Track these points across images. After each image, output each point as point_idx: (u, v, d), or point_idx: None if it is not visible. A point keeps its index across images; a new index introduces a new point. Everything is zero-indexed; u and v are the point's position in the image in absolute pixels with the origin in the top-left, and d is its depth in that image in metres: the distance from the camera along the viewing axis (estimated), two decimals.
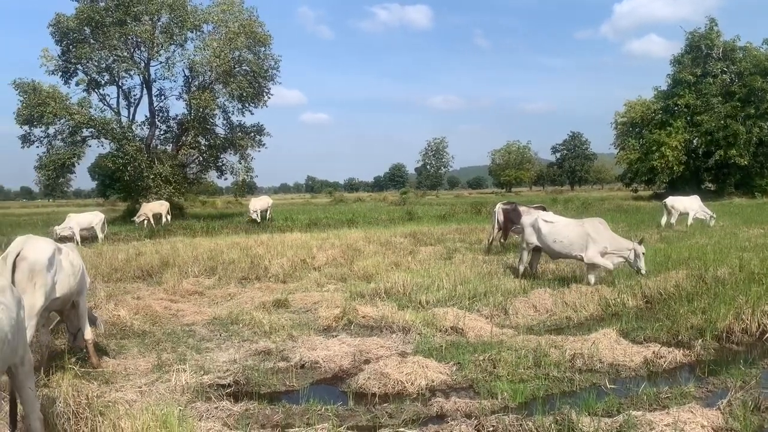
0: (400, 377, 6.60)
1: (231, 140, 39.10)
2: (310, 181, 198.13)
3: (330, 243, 18.37)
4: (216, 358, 7.66)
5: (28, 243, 6.38)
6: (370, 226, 26.73)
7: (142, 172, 35.09)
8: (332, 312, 9.71)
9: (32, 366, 4.58)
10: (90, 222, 22.76)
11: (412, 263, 14.58)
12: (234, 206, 55.16)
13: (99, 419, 4.75)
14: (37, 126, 34.61)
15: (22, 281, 6.10)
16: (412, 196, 73.50)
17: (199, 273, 14.10)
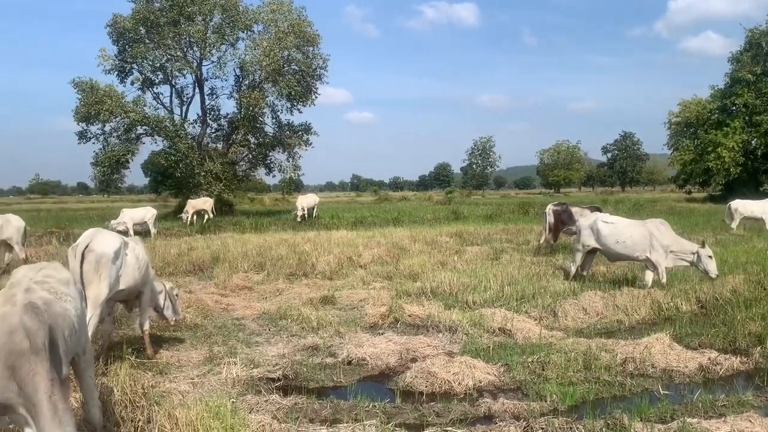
0: (447, 377, 6.59)
1: (279, 138, 39.70)
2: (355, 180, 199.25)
3: (376, 241, 18.45)
4: (265, 352, 7.80)
5: (96, 236, 6.76)
6: (416, 225, 26.70)
7: (194, 169, 35.95)
8: (378, 310, 9.76)
9: (93, 355, 4.76)
10: (142, 217, 23.41)
11: (459, 263, 14.51)
12: (281, 203, 55.98)
13: (155, 408, 4.89)
14: (94, 123, 35.90)
15: (89, 272, 6.48)
16: (458, 195, 73.13)
17: (248, 268, 14.35)
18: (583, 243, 11.64)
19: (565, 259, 14.49)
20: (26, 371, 3.28)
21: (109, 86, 35.52)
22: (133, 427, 4.83)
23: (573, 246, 12.50)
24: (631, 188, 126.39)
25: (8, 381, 3.31)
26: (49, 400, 3.22)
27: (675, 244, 10.86)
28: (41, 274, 4.13)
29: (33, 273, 4.12)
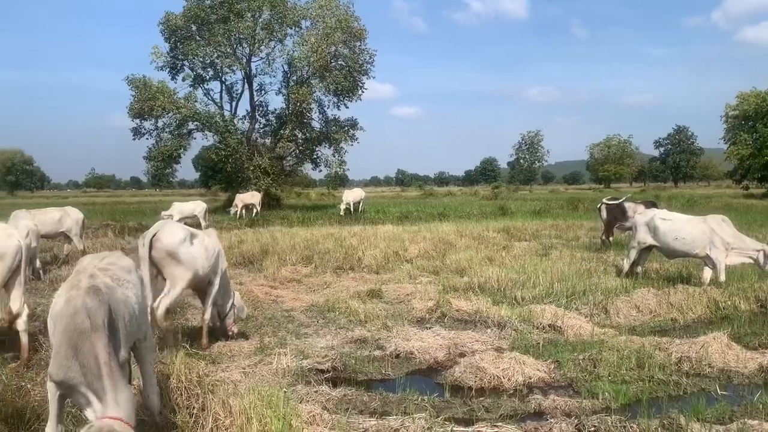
0: (496, 372, 6.54)
1: (326, 134, 40.03)
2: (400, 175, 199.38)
3: (422, 236, 18.43)
4: (314, 344, 7.89)
5: (163, 227, 7.30)
6: (462, 220, 26.56)
7: (243, 163, 36.61)
8: (426, 304, 9.76)
9: (153, 342, 4.91)
10: (192, 211, 23.92)
11: (506, 258, 14.36)
12: (327, 198, 56.48)
13: (209, 396, 5.00)
14: (147, 119, 36.94)
15: (160, 258, 7.07)
16: (505, 190, 72.38)
17: (296, 261, 14.54)
18: (639, 240, 11.34)
19: (616, 255, 14.18)
20: (87, 349, 3.41)
21: (161, 83, 36.47)
22: (188, 414, 4.95)
23: (628, 243, 12.19)
24: (684, 184, 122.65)
25: (72, 360, 3.46)
26: (107, 377, 3.33)
27: (737, 240, 10.50)
28: (105, 261, 4.29)
29: (97, 261, 4.29)
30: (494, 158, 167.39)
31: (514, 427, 5.05)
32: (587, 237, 18.94)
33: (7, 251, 6.73)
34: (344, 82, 37.60)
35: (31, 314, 7.05)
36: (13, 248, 6.79)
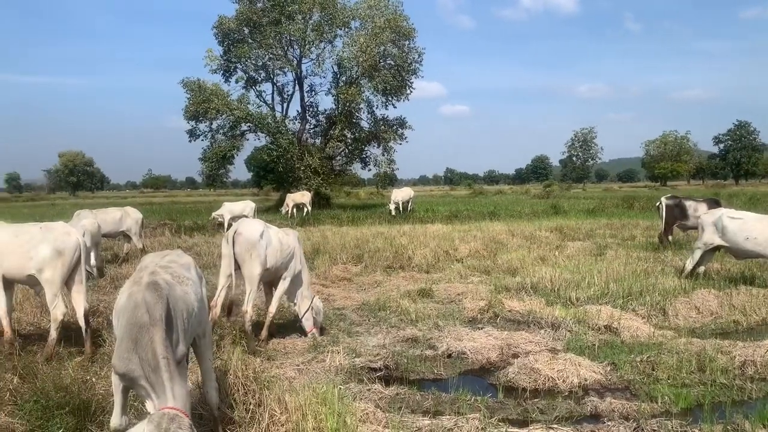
0: (551, 374, 6.44)
1: (375, 133, 40.19)
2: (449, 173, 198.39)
3: (472, 235, 18.30)
4: (366, 342, 7.94)
5: (242, 224, 7.86)
6: (513, 219, 26.22)
7: (294, 164, 37.14)
8: (477, 304, 9.68)
9: (211, 338, 5.03)
10: (242, 210, 24.35)
11: (560, 258, 14.11)
12: (376, 197, 56.66)
13: (265, 392, 5.09)
14: (202, 121, 37.93)
15: (241, 253, 7.54)
16: (557, 189, 71.06)
17: (347, 260, 14.64)
18: (705, 241, 10.86)
19: (675, 255, 13.76)
20: (146, 341, 3.52)
21: (215, 85, 37.38)
22: (244, 409, 5.05)
23: (694, 243, 11.73)
24: (746, 181, 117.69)
25: (132, 353, 3.58)
26: (164, 370, 3.43)
27: None
28: (166, 259, 4.43)
29: (158, 259, 4.42)
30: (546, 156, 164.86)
31: (570, 430, 4.97)
32: (643, 236, 18.42)
33: (66, 248, 7.03)
34: (393, 81, 37.65)
35: (93, 310, 7.32)
36: (72, 246, 7.08)
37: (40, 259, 6.88)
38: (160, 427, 3.01)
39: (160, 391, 3.36)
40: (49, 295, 6.99)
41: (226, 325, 8.35)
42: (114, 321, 4.02)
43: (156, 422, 3.04)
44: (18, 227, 7.24)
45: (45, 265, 6.90)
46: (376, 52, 36.43)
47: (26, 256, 6.88)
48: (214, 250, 16.03)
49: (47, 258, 6.90)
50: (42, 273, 6.90)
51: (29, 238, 6.95)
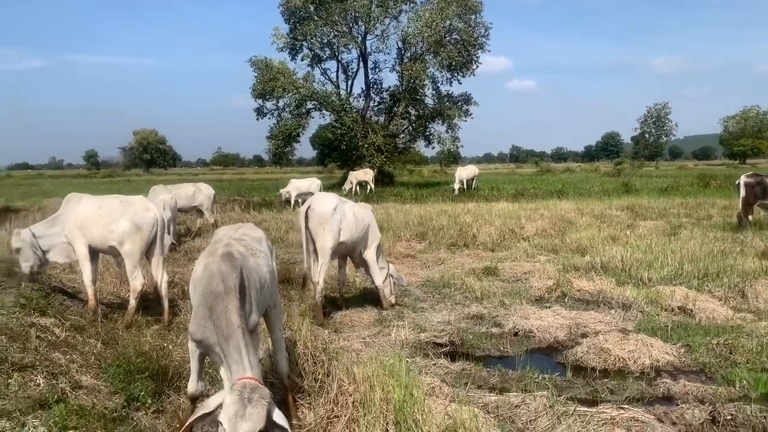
0: (621, 354, 6.30)
1: (439, 110, 39.76)
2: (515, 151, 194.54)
3: (539, 213, 17.96)
4: (431, 318, 7.96)
5: (316, 198, 8.04)
6: (582, 197, 25.55)
7: (357, 141, 37.30)
8: (545, 283, 9.54)
9: (281, 309, 5.16)
10: (308, 187, 24.70)
11: (631, 238, 13.67)
12: (439, 175, 56.30)
13: (334, 363, 5.20)
14: (269, 99, 38.52)
15: (314, 227, 7.72)
16: (628, 167, 68.49)
17: (410, 237, 14.67)
18: None
19: (754, 235, 13.09)
20: (220, 310, 3.63)
21: (281, 63, 37.86)
22: (313, 379, 5.18)
23: None
24: None
25: (207, 320, 3.71)
26: (237, 330, 3.53)
27: None
28: (239, 232, 4.56)
29: (232, 231, 4.56)
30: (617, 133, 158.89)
31: (642, 411, 4.84)
32: (720, 216, 17.60)
33: (145, 223, 7.33)
34: (458, 56, 37.05)
35: (170, 281, 7.63)
36: (150, 220, 7.38)
37: (121, 232, 7.21)
38: (242, 396, 3.10)
39: (234, 360, 3.45)
40: (128, 267, 7.33)
41: (295, 297, 8.57)
42: (190, 290, 4.17)
43: (238, 392, 3.13)
44: (101, 199, 7.54)
45: (125, 238, 7.22)
46: (442, 26, 35.90)
47: (108, 228, 7.23)
48: (282, 225, 16.40)
49: (127, 232, 7.23)
50: (122, 245, 7.24)
51: (111, 211, 7.29)
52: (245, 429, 3.03)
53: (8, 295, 6.87)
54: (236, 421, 3.03)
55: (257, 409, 3.10)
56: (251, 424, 3.05)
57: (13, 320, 5.90)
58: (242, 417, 3.05)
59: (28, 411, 3.90)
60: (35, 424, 3.70)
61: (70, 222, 7.29)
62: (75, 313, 7.16)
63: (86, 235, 7.26)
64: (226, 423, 3.04)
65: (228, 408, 3.08)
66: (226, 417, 3.06)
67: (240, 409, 3.06)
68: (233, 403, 3.09)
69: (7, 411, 3.82)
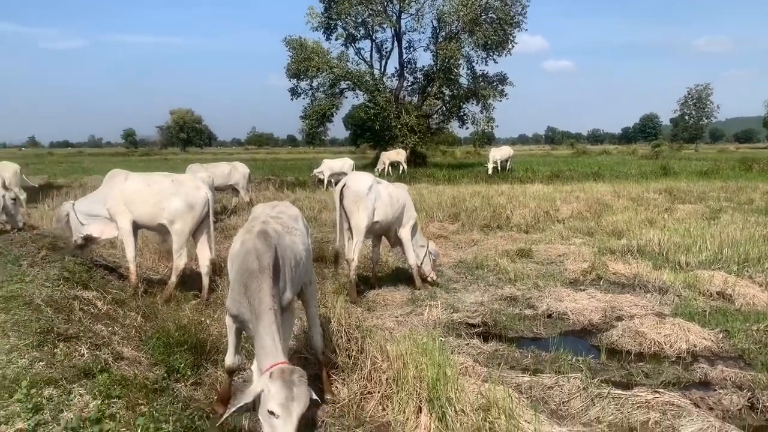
0: (657, 338, 6.23)
1: (474, 90, 39.28)
2: (550, 132, 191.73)
3: (574, 196, 17.73)
4: (463, 299, 7.97)
5: (351, 177, 8.04)
6: (618, 180, 25.08)
7: (390, 122, 37.16)
8: (579, 266, 9.45)
9: (316, 287, 5.22)
10: (341, 167, 24.78)
11: (669, 221, 13.41)
12: (473, 156, 55.84)
13: (368, 341, 5.26)
14: (303, 79, 38.53)
15: (349, 206, 7.75)
16: (666, 149, 66.88)
17: (443, 218, 14.65)
18: None
19: None
20: (254, 287, 3.70)
21: (316, 43, 37.77)
22: (347, 355, 5.25)
23: None
24: None
25: (242, 296, 3.79)
26: (268, 311, 3.59)
27: None
28: (275, 210, 4.61)
29: (269, 209, 4.62)
30: (655, 114, 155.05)
31: (678, 395, 4.78)
32: (763, 200, 17.12)
33: (196, 202, 7.42)
34: (494, 36, 36.43)
35: (213, 260, 7.74)
36: (201, 199, 7.48)
37: (173, 211, 7.31)
38: (285, 380, 3.19)
39: (264, 343, 3.50)
40: (176, 245, 7.44)
41: (329, 275, 8.66)
42: (228, 266, 4.25)
43: (280, 378, 3.21)
44: (150, 177, 7.63)
45: (176, 217, 7.33)
46: (478, 5, 35.29)
47: (158, 206, 7.33)
48: (315, 205, 16.53)
49: (179, 211, 7.32)
50: (173, 224, 7.35)
51: (161, 189, 7.38)
52: (298, 410, 3.15)
53: (52, 268, 7.07)
54: (289, 405, 3.14)
55: (302, 388, 3.21)
56: (302, 404, 3.17)
57: (58, 293, 6.09)
58: (293, 399, 3.16)
59: (74, 379, 4.04)
60: (81, 392, 3.83)
61: (114, 198, 7.41)
62: (116, 287, 7.36)
63: (133, 211, 7.38)
64: (279, 409, 3.12)
65: (277, 395, 3.16)
66: (277, 404, 3.14)
67: (288, 393, 3.16)
68: (280, 390, 3.17)
69: (54, 379, 3.97)
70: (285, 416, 3.12)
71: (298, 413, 3.16)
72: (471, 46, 37.57)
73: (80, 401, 3.69)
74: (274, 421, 3.14)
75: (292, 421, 3.13)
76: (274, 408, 3.13)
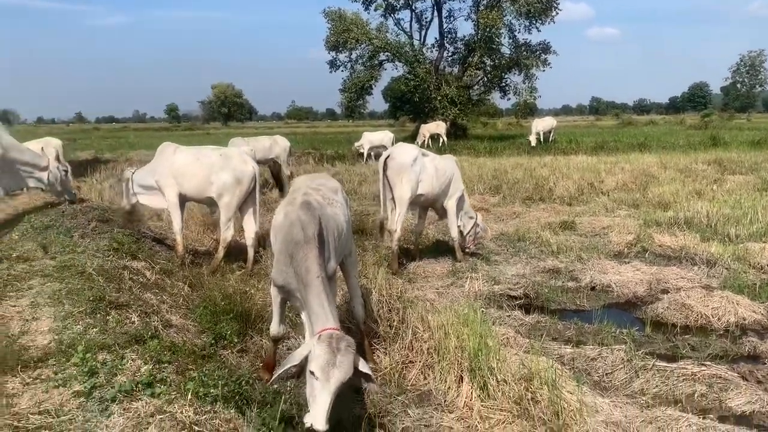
0: (704, 311, 6.11)
1: (516, 60, 38.52)
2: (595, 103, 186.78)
3: (619, 167, 17.34)
4: (504, 271, 7.93)
5: (396, 148, 8.03)
6: (665, 151, 24.37)
7: (430, 93, 36.81)
8: (624, 238, 9.29)
9: (356, 257, 5.27)
10: (380, 140, 24.71)
11: (718, 193, 13.02)
12: (514, 128, 54.99)
13: (409, 311, 5.30)
14: (342, 52, 38.43)
15: (392, 176, 7.72)
16: (716, 119, 64.53)
17: (484, 191, 14.55)
18: None
19: None
20: (300, 257, 3.74)
21: (355, 14, 37.59)
22: (388, 325, 5.31)
23: None
24: None
25: (288, 267, 3.84)
26: (316, 279, 3.63)
27: None
28: (316, 182, 4.64)
29: (309, 181, 4.64)
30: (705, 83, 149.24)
31: (725, 368, 4.70)
32: None
33: (244, 176, 7.53)
34: (537, 3, 35.52)
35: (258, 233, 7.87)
36: (249, 173, 7.58)
37: (221, 185, 7.44)
38: (331, 346, 3.22)
39: (315, 309, 3.54)
40: (223, 218, 7.58)
41: (369, 247, 8.71)
42: (271, 237, 4.31)
43: (327, 342, 3.24)
44: (198, 151, 7.74)
45: (224, 190, 7.45)
46: None
47: (207, 180, 7.45)
48: (355, 178, 16.59)
49: (228, 184, 7.43)
50: (221, 198, 7.48)
51: (210, 163, 7.49)
52: (337, 377, 3.15)
53: (102, 239, 7.30)
54: (329, 370, 3.15)
55: (347, 358, 3.21)
56: (343, 372, 3.16)
57: (108, 263, 6.29)
58: (334, 365, 3.16)
59: (126, 345, 4.18)
60: (133, 357, 3.97)
61: (163, 170, 7.56)
62: (163, 257, 7.57)
63: (181, 184, 7.52)
64: (318, 372, 3.16)
65: (319, 358, 3.19)
66: (318, 366, 3.17)
67: (331, 358, 3.17)
68: (324, 353, 3.19)
69: (107, 344, 4.12)
70: (323, 380, 3.16)
71: (337, 380, 3.17)
72: (513, 14, 36.79)
73: (132, 366, 3.83)
74: (315, 382, 3.19)
75: (330, 387, 3.16)
76: (315, 369, 3.18)
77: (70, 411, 3.27)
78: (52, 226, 7.70)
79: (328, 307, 3.54)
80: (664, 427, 3.70)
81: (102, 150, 28.57)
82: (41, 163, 8.07)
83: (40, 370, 3.79)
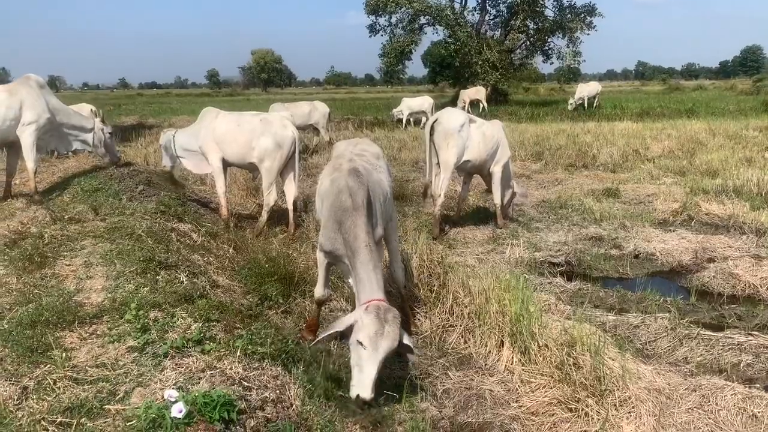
0: (752, 280, 5.99)
1: (560, 23, 37.40)
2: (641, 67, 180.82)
3: (666, 134, 16.86)
4: (546, 238, 7.87)
5: (444, 113, 7.98)
6: (714, 117, 23.55)
7: (471, 58, 36.12)
8: (670, 206, 9.11)
9: (397, 222, 5.30)
10: (420, 106, 24.51)
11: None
12: (557, 93, 53.75)
13: (449, 276, 5.33)
14: (382, 15, 37.87)
15: (439, 141, 7.71)
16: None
17: (525, 157, 14.36)
18: None
19: None
20: (349, 224, 3.78)
21: None
22: (429, 290, 5.35)
23: None
24: None
25: (336, 233, 3.89)
26: (365, 248, 3.68)
27: None
28: (358, 148, 4.65)
29: (351, 147, 4.65)
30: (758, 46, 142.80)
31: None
32: None
33: (285, 141, 7.60)
34: None
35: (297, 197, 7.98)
36: (289, 138, 7.65)
37: (262, 150, 7.53)
38: (379, 317, 3.31)
39: (362, 278, 3.60)
40: (265, 183, 7.70)
41: (409, 213, 8.73)
42: (317, 203, 4.36)
43: (375, 312, 3.33)
44: (239, 117, 7.83)
45: (266, 156, 7.54)
46: None
47: (248, 145, 7.56)
48: (394, 144, 16.54)
49: (269, 149, 7.52)
50: (262, 163, 7.58)
51: (251, 129, 7.58)
52: (385, 346, 3.25)
53: (150, 202, 7.49)
54: (377, 339, 3.25)
55: (394, 328, 3.31)
56: (390, 342, 3.27)
57: (156, 225, 6.47)
58: (382, 335, 3.26)
59: (176, 304, 4.33)
60: (183, 315, 4.11)
61: (206, 135, 7.69)
62: (208, 220, 7.75)
63: (224, 150, 7.64)
64: (366, 341, 3.25)
65: (367, 327, 3.28)
66: (366, 335, 3.26)
67: (379, 328, 3.27)
68: (372, 323, 3.29)
69: (158, 303, 4.27)
70: (372, 349, 3.25)
71: (385, 349, 3.27)
72: None
73: (183, 323, 3.96)
74: (362, 351, 3.28)
75: (377, 357, 3.25)
76: (363, 339, 3.27)
77: (125, 365, 3.43)
78: (101, 189, 7.92)
79: (374, 276, 3.60)
80: (708, 395, 3.67)
81: (146, 115, 29.07)
82: (87, 125, 8.28)
83: (96, 326, 3.97)
